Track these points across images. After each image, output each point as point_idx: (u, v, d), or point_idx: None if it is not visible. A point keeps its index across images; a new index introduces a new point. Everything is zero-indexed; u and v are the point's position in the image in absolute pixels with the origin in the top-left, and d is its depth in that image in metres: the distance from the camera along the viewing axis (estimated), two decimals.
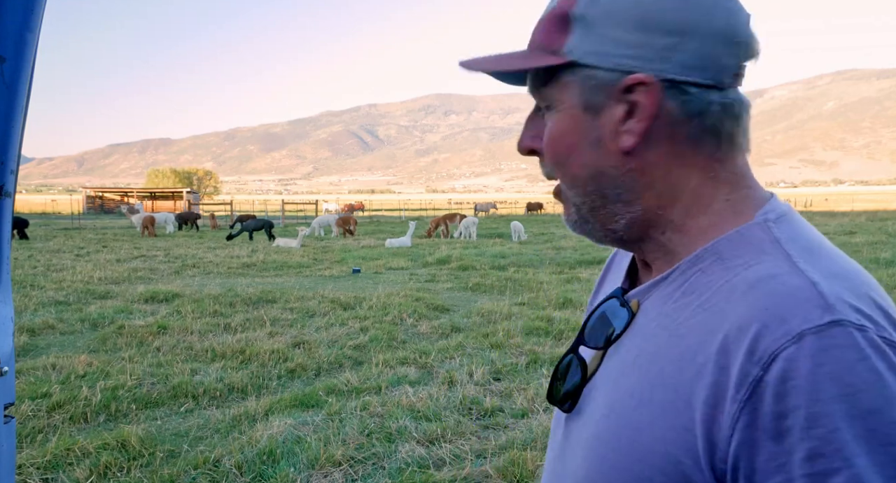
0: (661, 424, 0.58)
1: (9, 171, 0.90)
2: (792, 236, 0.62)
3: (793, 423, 0.50)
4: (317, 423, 4.36)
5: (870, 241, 17.65)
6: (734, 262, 0.61)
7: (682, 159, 0.65)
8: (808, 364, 0.50)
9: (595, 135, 0.66)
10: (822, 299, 0.53)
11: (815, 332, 0.51)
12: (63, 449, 3.90)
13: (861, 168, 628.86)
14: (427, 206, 73.75)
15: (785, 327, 0.53)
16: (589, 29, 0.64)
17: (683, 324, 0.61)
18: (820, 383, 0.50)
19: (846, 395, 0.49)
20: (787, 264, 0.58)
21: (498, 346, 6.43)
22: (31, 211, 53.89)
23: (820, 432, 0.49)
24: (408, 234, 20.06)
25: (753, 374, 0.52)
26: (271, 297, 9.37)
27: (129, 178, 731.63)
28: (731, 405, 0.53)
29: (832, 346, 0.51)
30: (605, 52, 0.64)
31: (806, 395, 0.50)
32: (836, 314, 0.52)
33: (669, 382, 0.59)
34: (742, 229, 0.63)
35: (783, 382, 0.51)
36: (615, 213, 0.68)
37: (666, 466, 0.57)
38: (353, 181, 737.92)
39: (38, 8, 0.86)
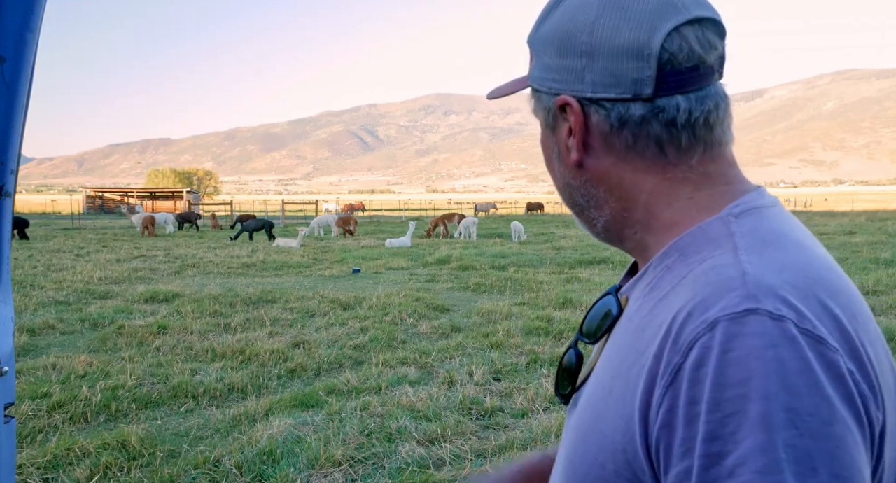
0: (614, 413, 0.61)
1: (9, 171, 0.90)
2: (750, 230, 0.63)
3: (700, 408, 0.52)
4: (317, 423, 4.36)
5: (870, 241, 17.64)
6: (693, 257, 0.63)
7: (631, 164, 0.69)
8: (718, 350, 0.52)
9: (556, 150, 0.74)
10: (745, 288, 0.55)
11: (728, 320, 0.53)
12: (63, 449, 3.90)
13: (861, 168, 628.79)
14: (427, 206, 73.71)
15: (704, 315, 0.55)
16: (536, 56, 0.73)
17: (645, 318, 0.64)
18: (724, 369, 0.51)
19: (745, 380, 0.51)
20: (731, 256, 0.59)
21: (498, 346, 6.43)
22: (31, 211, 53.88)
23: (718, 416, 0.51)
24: (408, 234, 20.06)
25: (675, 361, 0.55)
26: (271, 297, 9.37)
27: (129, 178, 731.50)
28: (658, 390, 0.56)
29: (742, 333, 0.52)
30: (542, 77, 0.72)
31: (711, 381, 0.52)
32: (753, 303, 0.53)
33: (627, 373, 0.61)
34: (703, 225, 0.65)
35: (697, 369, 0.53)
36: (592, 217, 0.74)
37: (615, 453, 0.60)
38: (353, 181, 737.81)
39: (38, 8, 0.86)
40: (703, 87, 0.66)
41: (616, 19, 0.65)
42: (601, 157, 0.70)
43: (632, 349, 0.62)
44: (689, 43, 0.65)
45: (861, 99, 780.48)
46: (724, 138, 0.70)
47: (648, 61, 0.64)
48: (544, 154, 0.77)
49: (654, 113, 0.66)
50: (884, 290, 9.32)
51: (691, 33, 0.65)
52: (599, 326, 0.73)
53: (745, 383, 0.51)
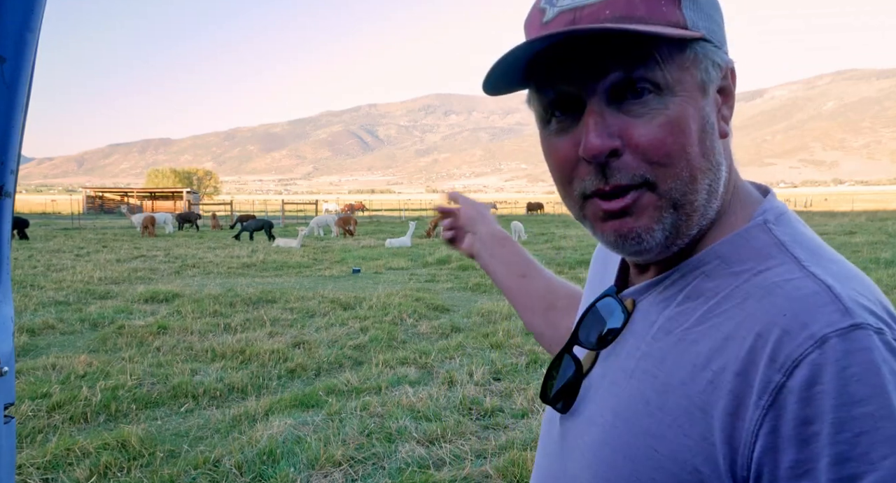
0: (675, 432, 0.56)
1: (9, 171, 0.90)
2: (795, 238, 0.60)
3: (819, 428, 0.49)
4: (317, 423, 4.36)
5: (870, 241, 17.65)
6: (741, 267, 0.59)
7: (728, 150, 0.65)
8: (834, 368, 0.49)
9: (711, 119, 0.61)
10: (840, 303, 0.52)
11: (838, 336, 0.50)
12: (63, 449, 3.90)
13: (861, 168, 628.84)
14: (427, 206, 73.73)
15: (806, 332, 0.51)
16: (697, 5, 0.60)
17: (692, 329, 0.59)
18: (847, 387, 0.49)
19: (873, 396, 0.48)
20: (798, 268, 0.57)
21: (498, 346, 6.43)
22: (31, 211, 53.89)
23: (846, 436, 0.48)
24: (408, 234, 20.06)
25: (776, 380, 0.51)
26: (271, 297, 9.37)
27: (129, 178, 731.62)
28: (753, 412, 0.52)
29: (856, 349, 0.50)
30: (714, 31, 0.61)
31: (833, 400, 0.49)
32: (856, 318, 0.51)
33: (682, 389, 0.57)
34: (743, 232, 0.61)
35: (809, 388, 0.50)
36: (707, 212, 0.62)
37: (681, 474, 0.55)
38: (353, 181, 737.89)
39: (38, 8, 0.86)
40: None
41: None
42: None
43: (684, 362, 0.58)
44: None
45: (861, 99, 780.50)
46: None
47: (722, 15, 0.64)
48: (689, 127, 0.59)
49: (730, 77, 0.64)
50: (884, 290, 9.25)
51: None
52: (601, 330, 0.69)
53: (870, 400, 0.48)
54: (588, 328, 0.71)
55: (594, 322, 0.71)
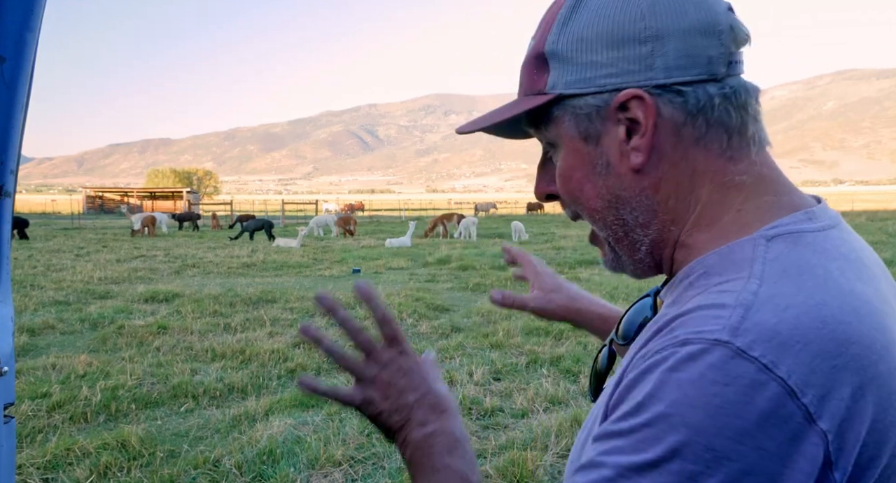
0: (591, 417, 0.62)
1: (9, 171, 0.90)
2: (776, 257, 0.56)
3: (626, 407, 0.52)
4: (317, 423, 4.36)
5: (870, 241, 17.59)
6: (714, 278, 0.58)
7: (692, 164, 0.62)
8: (670, 365, 0.50)
9: (604, 161, 0.64)
10: (731, 320, 0.51)
11: (696, 343, 0.50)
12: (63, 449, 3.90)
13: (861, 168, 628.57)
14: (427, 206, 73.74)
15: (679, 332, 0.53)
16: (564, 62, 0.64)
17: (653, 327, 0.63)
18: (666, 383, 0.50)
19: (678, 402, 0.49)
20: (742, 283, 0.54)
21: (498, 346, 6.43)
22: (31, 211, 53.88)
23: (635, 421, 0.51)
24: (408, 234, 20.05)
25: (637, 364, 0.55)
26: (271, 297, 9.37)
27: (129, 178, 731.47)
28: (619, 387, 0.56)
29: (702, 361, 0.49)
30: (586, 77, 0.63)
31: (649, 388, 0.51)
32: (727, 335, 0.50)
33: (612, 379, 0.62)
34: (733, 245, 0.60)
35: (644, 373, 0.52)
36: (635, 240, 0.66)
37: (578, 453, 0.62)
38: (353, 181, 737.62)
39: (38, 8, 0.86)
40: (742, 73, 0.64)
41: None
42: (663, 158, 0.62)
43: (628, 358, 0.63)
44: (739, 22, 0.63)
45: (861, 99, 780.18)
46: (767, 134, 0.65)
47: (720, 37, 0.61)
48: (574, 176, 0.66)
49: (727, 95, 0.61)
50: None
51: (734, 14, 0.64)
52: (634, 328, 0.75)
53: (675, 405, 0.49)
54: (627, 325, 0.77)
55: (633, 319, 0.76)
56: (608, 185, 0.64)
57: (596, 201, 0.66)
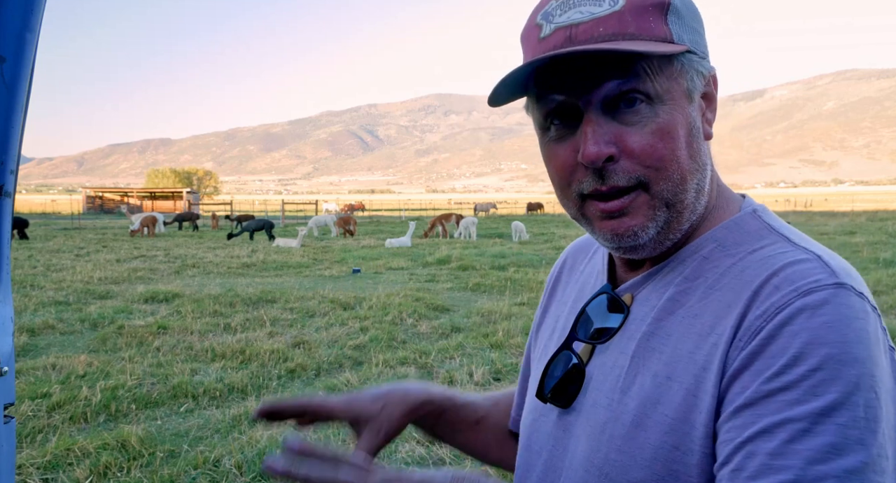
0: (684, 395, 0.61)
1: (9, 171, 0.90)
2: (782, 224, 0.68)
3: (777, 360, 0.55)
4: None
5: (870, 241, 17.65)
6: (736, 248, 0.65)
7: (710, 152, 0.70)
8: (809, 313, 0.55)
9: (697, 124, 0.66)
10: (829, 268, 0.59)
11: (821, 289, 0.57)
12: (63, 449, 3.90)
13: (861, 168, 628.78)
14: (427, 206, 73.74)
15: (793, 286, 0.58)
16: (681, 19, 0.65)
17: (694, 305, 0.65)
18: (816, 329, 0.55)
19: (838, 342, 0.54)
20: (790, 244, 0.63)
21: (498, 346, 6.43)
22: (31, 211, 53.90)
23: (802, 369, 0.54)
24: (408, 234, 20.06)
25: (756, 325, 0.58)
26: (271, 297, 9.37)
27: (129, 178, 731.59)
28: (733, 353, 0.59)
29: (835, 302, 0.56)
30: (697, 42, 0.66)
31: (800, 338, 0.55)
32: (841, 278, 0.58)
33: (690, 357, 0.62)
34: (737, 219, 0.68)
35: (780, 327, 0.56)
36: (696, 208, 0.67)
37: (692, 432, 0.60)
38: (353, 181, 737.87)
39: (38, 8, 0.86)
40: None
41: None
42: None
43: (688, 335, 0.63)
44: None
45: (861, 99, 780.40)
46: None
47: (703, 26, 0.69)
48: (678, 133, 0.64)
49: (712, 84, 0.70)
50: (884, 290, 9.32)
51: None
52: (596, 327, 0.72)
53: (837, 345, 0.54)
54: (585, 326, 0.74)
55: (588, 320, 0.74)
56: (699, 147, 0.67)
57: (689, 162, 0.65)
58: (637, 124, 0.63)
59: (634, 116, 0.63)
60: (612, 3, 0.63)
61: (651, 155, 0.63)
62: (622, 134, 0.63)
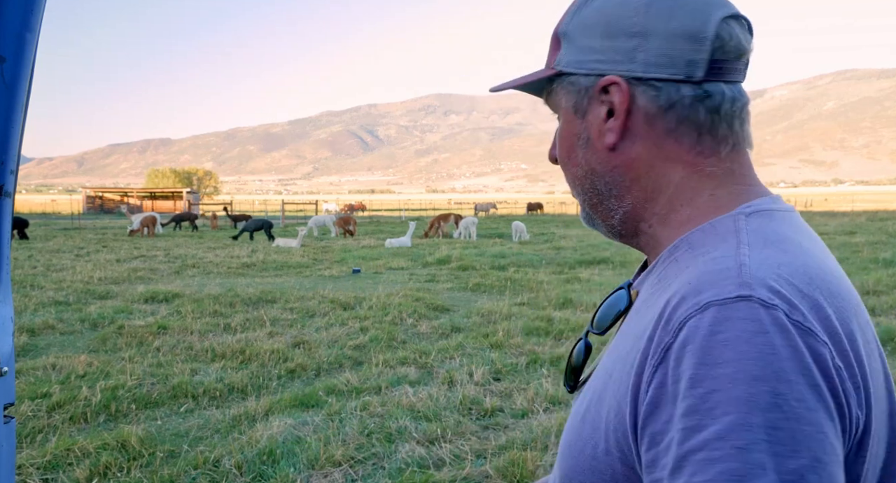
0: (612, 395, 0.63)
1: (9, 171, 0.90)
2: (756, 228, 0.64)
3: (682, 385, 0.54)
4: (317, 423, 4.36)
5: (870, 241, 17.64)
6: (699, 250, 0.65)
7: (665, 152, 0.69)
8: (705, 331, 0.54)
9: (585, 135, 0.73)
10: (740, 278, 0.56)
11: (720, 304, 0.55)
12: (63, 449, 3.90)
13: (861, 168, 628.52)
14: (427, 206, 73.72)
15: (696, 298, 0.56)
16: (570, 42, 0.73)
17: (650, 306, 0.66)
18: (711, 349, 0.53)
19: (733, 360, 0.52)
20: (732, 249, 0.61)
21: (498, 346, 6.42)
22: (31, 211, 53.88)
23: (699, 392, 0.52)
24: (408, 234, 20.06)
25: (665, 341, 0.57)
26: (271, 297, 9.37)
27: (129, 178, 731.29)
28: (648, 370, 0.58)
29: (733, 317, 0.54)
30: (581, 60, 0.72)
31: (696, 358, 0.53)
32: (745, 290, 0.55)
33: (625, 358, 0.64)
34: (715, 221, 0.67)
35: (683, 347, 0.55)
36: (610, 208, 0.74)
37: (608, 432, 0.62)
38: (353, 181, 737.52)
39: (38, 8, 0.86)
40: (738, 82, 0.70)
41: (671, 3, 0.67)
42: (637, 142, 0.70)
43: (631, 335, 0.65)
44: (736, 34, 0.68)
45: (861, 99, 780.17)
46: (749, 138, 0.72)
47: (703, 44, 0.66)
48: (564, 144, 0.76)
49: (702, 98, 0.68)
50: (884, 290, 9.32)
51: (736, 26, 0.69)
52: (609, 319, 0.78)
53: (732, 364, 0.52)
54: (601, 316, 0.80)
55: (607, 311, 0.80)
56: (586, 156, 0.74)
57: (576, 169, 0.75)
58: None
59: None
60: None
61: (559, 158, 0.78)
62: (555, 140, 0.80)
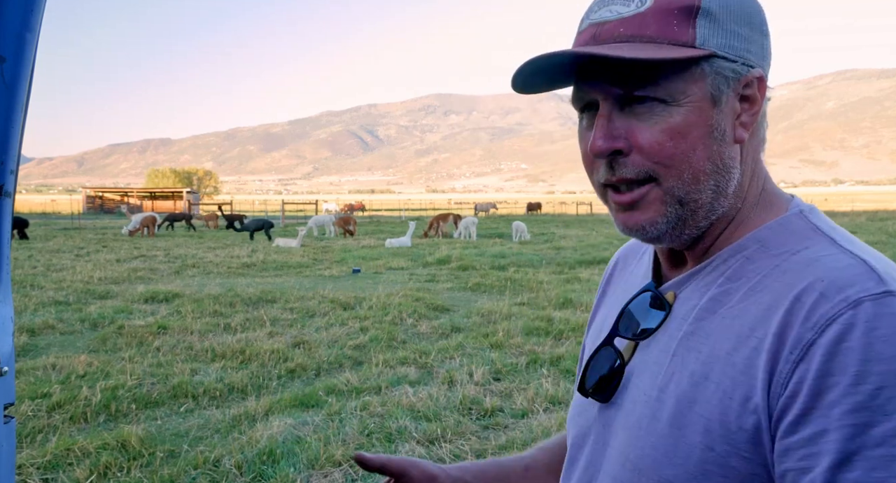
0: (720, 396, 0.61)
1: (9, 171, 0.90)
2: (830, 225, 0.67)
3: (839, 379, 0.54)
4: (317, 423, 4.36)
5: (870, 241, 17.65)
6: (780, 249, 0.65)
7: (755, 151, 0.72)
8: (863, 328, 0.54)
9: (721, 127, 0.67)
10: (875, 273, 0.58)
11: (872, 300, 0.55)
12: (63, 449, 3.90)
13: (861, 168, 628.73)
14: (427, 206, 73.74)
15: (842, 295, 0.57)
16: (715, 22, 0.66)
17: (735, 306, 0.65)
18: (873, 345, 0.53)
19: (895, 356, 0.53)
20: (835, 247, 0.63)
21: (498, 346, 6.43)
22: (31, 211, 53.89)
23: (867, 388, 0.53)
24: (408, 234, 20.06)
25: (808, 337, 0.56)
26: (271, 297, 9.37)
27: (129, 178, 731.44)
28: (784, 365, 0.57)
29: (887, 313, 0.55)
30: (732, 45, 0.66)
31: (858, 355, 0.53)
32: (890, 286, 0.57)
33: (727, 358, 0.62)
34: (782, 220, 0.68)
35: (837, 344, 0.55)
36: (715, 208, 0.68)
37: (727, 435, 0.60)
38: (353, 181, 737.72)
39: (38, 8, 0.86)
40: None
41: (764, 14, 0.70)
42: (752, 138, 0.71)
43: (727, 336, 0.63)
44: None
45: (861, 99, 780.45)
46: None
47: (768, 39, 0.70)
48: (693, 133, 0.65)
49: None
50: None
51: None
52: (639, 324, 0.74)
53: (894, 360, 0.53)
54: (627, 321, 0.76)
55: (631, 317, 0.76)
56: (721, 150, 0.67)
57: (706, 163, 0.66)
58: (649, 122, 0.65)
59: (648, 114, 0.65)
60: (639, 4, 0.65)
61: (659, 152, 0.65)
62: (633, 129, 0.66)
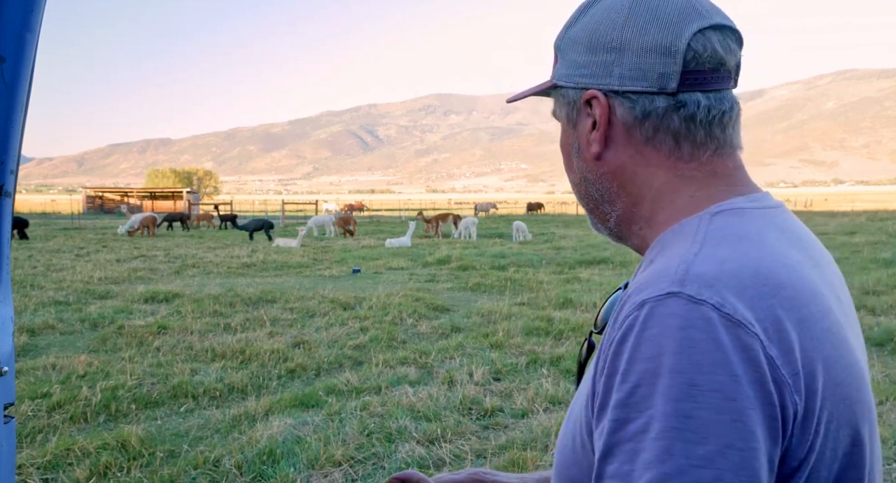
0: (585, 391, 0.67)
1: (9, 171, 0.90)
2: (718, 228, 0.66)
3: (616, 378, 0.58)
4: (317, 423, 4.36)
5: (870, 241, 17.65)
6: (668, 251, 0.67)
7: (646, 159, 0.73)
8: (638, 328, 0.58)
9: (577, 145, 0.78)
10: (676, 275, 0.59)
11: (654, 301, 0.58)
12: (63, 449, 3.90)
13: (861, 168, 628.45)
14: (427, 206, 73.72)
15: (638, 296, 0.60)
16: (563, 56, 0.78)
17: None
18: (641, 345, 0.57)
19: (656, 355, 0.55)
20: (685, 249, 0.64)
21: (498, 346, 6.43)
22: (31, 211, 53.89)
23: (627, 386, 0.56)
24: (408, 234, 20.07)
25: (611, 336, 0.61)
26: (271, 297, 9.37)
27: (129, 178, 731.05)
28: (600, 364, 0.62)
29: (662, 314, 0.57)
30: (569, 73, 0.76)
31: (628, 355, 0.57)
32: (677, 287, 0.58)
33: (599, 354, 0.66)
34: (684, 221, 0.70)
35: (620, 344, 0.59)
36: (605, 212, 0.78)
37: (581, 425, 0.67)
38: (353, 181, 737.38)
39: (38, 8, 0.86)
40: (720, 90, 0.72)
41: (645, 19, 0.70)
42: (619, 151, 0.74)
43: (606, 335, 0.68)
44: (712, 45, 0.71)
45: (861, 99, 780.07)
46: (735, 141, 0.74)
47: (675, 57, 0.69)
48: (564, 152, 0.81)
49: (676, 107, 0.71)
50: (884, 290, 9.32)
51: (714, 37, 0.71)
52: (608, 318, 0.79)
53: (654, 359, 0.55)
54: (603, 316, 0.84)
55: (606, 311, 0.83)
56: (579, 165, 0.79)
57: (572, 175, 0.81)
58: None
59: None
60: None
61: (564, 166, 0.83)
62: None
